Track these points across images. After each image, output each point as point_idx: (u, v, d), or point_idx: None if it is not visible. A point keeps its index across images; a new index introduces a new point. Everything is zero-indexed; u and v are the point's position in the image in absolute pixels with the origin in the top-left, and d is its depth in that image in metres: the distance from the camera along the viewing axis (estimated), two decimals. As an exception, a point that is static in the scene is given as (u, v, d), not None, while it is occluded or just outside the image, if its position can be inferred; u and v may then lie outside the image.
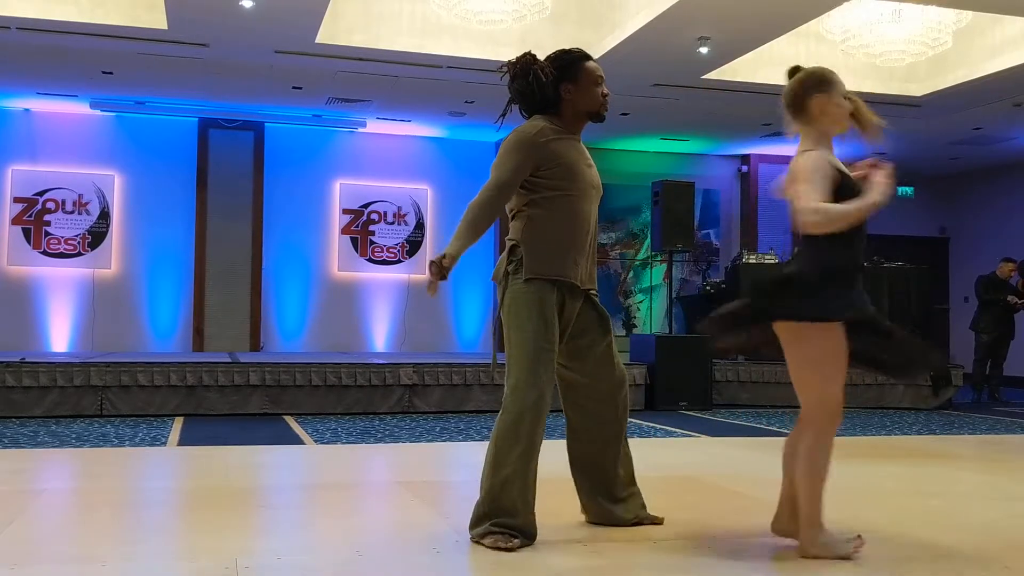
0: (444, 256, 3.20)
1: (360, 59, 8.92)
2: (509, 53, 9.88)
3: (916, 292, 9.85)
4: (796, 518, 3.13)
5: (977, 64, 9.12)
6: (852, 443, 3.06)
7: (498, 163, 3.33)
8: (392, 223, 12.29)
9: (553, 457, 5.63)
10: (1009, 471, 5.44)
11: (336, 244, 12.12)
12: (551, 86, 3.35)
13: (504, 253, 3.44)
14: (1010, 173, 13.69)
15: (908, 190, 14.29)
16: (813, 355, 3.02)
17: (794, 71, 3.20)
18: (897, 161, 14.00)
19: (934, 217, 14.69)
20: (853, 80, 9.54)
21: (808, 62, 10.37)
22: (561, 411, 3.54)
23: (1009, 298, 10.63)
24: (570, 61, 3.37)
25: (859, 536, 3.08)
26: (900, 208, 14.16)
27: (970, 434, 7.33)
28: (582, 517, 3.65)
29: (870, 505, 4.16)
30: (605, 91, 3.41)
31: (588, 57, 3.43)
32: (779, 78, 3.32)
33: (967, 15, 8.09)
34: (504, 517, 3.21)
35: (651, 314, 13.07)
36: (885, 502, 4.02)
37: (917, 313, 9.80)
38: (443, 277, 3.21)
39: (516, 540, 3.17)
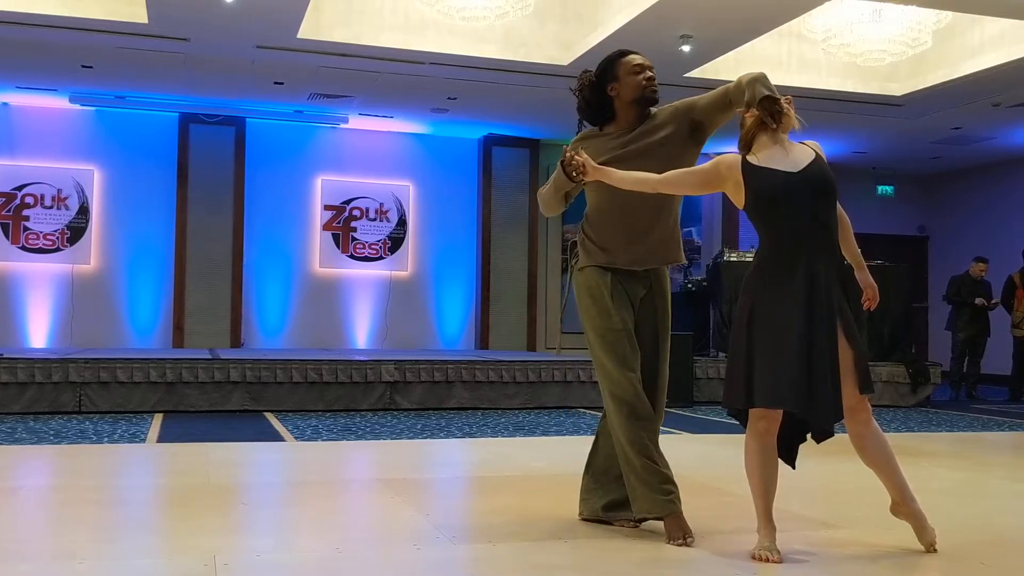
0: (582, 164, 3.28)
1: (342, 55, 8.88)
2: (492, 50, 9.90)
3: (896, 291, 9.91)
4: (907, 498, 3.19)
5: (957, 64, 9.17)
6: (831, 440, 3.07)
7: None
8: (374, 220, 12.26)
9: (541, 455, 5.63)
10: (986, 468, 5.50)
11: (318, 240, 12.07)
12: (597, 93, 3.50)
13: (570, 249, 3.65)
14: (989, 172, 13.80)
15: (888, 189, 14.38)
16: None
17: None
18: (877, 160, 14.02)
19: (913, 216, 14.79)
20: (834, 79, 9.61)
21: (790, 61, 10.34)
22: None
23: (977, 301, 10.71)
24: (607, 63, 3.53)
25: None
26: (880, 207, 14.27)
27: (948, 431, 7.40)
28: (567, 514, 3.65)
29: (848, 502, 4.19)
30: (648, 75, 3.48)
31: (625, 53, 3.54)
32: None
33: (947, 16, 8.14)
34: (659, 488, 3.28)
35: (633, 311, 13.08)
36: (863, 499, 4.05)
37: (897, 312, 9.87)
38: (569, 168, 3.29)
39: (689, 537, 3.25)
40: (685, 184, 3.30)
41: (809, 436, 3.20)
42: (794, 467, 3.27)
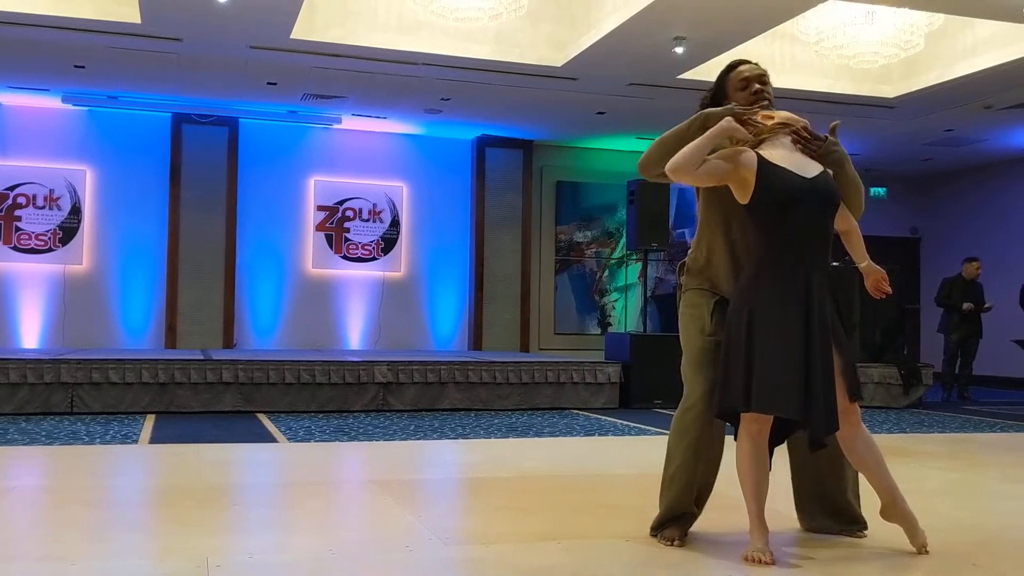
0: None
1: (335, 55, 8.88)
2: (485, 51, 9.89)
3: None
4: (897, 500, 3.20)
5: (949, 66, 9.21)
6: (824, 441, 3.15)
7: None
8: (367, 220, 12.25)
9: (534, 456, 5.63)
10: (978, 469, 5.51)
11: (311, 241, 12.06)
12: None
13: (678, 270, 3.62)
14: (980, 174, 13.85)
15: (881, 191, 14.41)
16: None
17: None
18: (870, 162, 14.05)
19: (906, 217, 14.83)
20: (826, 81, 9.63)
21: (783, 63, 10.33)
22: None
23: (964, 307, 10.71)
24: (720, 77, 3.49)
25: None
26: (872, 209, 14.28)
27: (939, 432, 7.41)
28: (560, 515, 3.65)
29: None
30: (756, 87, 3.39)
31: (734, 66, 3.48)
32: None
33: (939, 18, 8.17)
34: (673, 510, 3.33)
35: (626, 313, 13.11)
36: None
37: (889, 313, 9.89)
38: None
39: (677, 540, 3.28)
40: (714, 175, 3.21)
41: (805, 443, 3.21)
42: (769, 468, 3.27)
